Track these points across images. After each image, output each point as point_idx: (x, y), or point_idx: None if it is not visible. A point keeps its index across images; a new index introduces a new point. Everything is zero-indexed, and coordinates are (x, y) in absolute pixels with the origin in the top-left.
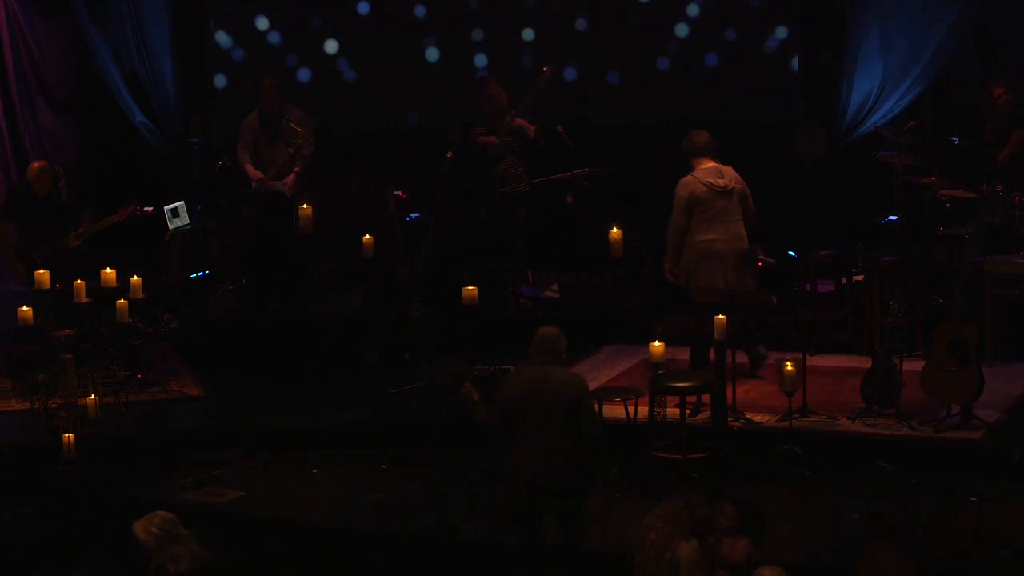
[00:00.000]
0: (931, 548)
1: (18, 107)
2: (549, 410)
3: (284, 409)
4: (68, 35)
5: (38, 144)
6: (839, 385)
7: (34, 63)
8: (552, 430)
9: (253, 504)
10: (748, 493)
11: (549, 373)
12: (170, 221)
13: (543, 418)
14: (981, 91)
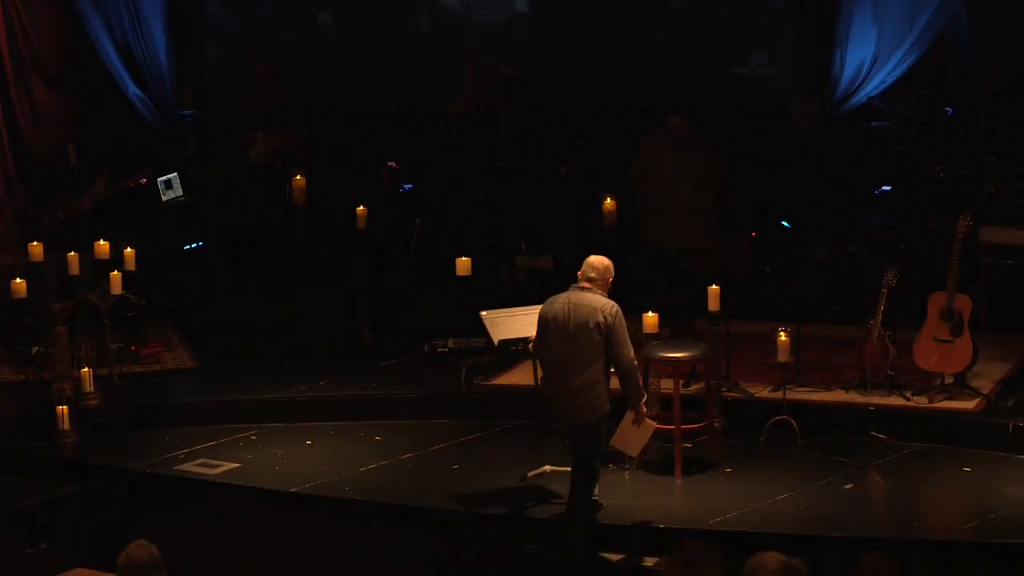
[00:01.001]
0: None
1: (11, 82)
2: (581, 332)
3: (278, 381)
4: (61, 9)
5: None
6: (833, 355)
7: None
8: (581, 352)
9: (247, 475)
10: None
11: (589, 298)
12: (163, 193)
13: (574, 339)
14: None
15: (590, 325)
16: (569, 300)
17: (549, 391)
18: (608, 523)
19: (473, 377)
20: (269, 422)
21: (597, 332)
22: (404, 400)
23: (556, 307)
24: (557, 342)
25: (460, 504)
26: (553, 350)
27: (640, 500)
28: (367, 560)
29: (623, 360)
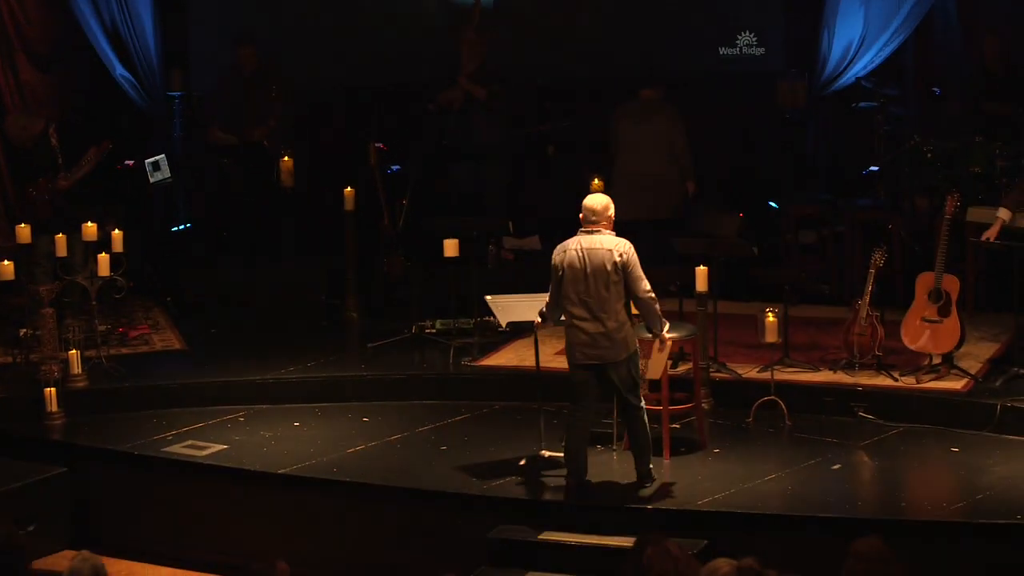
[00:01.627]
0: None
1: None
2: (600, 275)
3: (266, 363)
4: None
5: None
6: (821, 335)
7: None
8: (606, 294)
9: (235, 457)
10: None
11: (600, 239)
12: (151, 175)
13: (596, 283)
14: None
15: (607, 267)
16: (581, 246)
17: (583, 337)
18: (596, 504)
19: (460, 358)
20: (257, 404)
21: (615, 273)
22: (391, 381)
23: (570, 255)
24: (577, 288)
25: (447, 485)
26: (576, 297)
27: (628, 480)
28: (355, 541)
29: (642, 293)
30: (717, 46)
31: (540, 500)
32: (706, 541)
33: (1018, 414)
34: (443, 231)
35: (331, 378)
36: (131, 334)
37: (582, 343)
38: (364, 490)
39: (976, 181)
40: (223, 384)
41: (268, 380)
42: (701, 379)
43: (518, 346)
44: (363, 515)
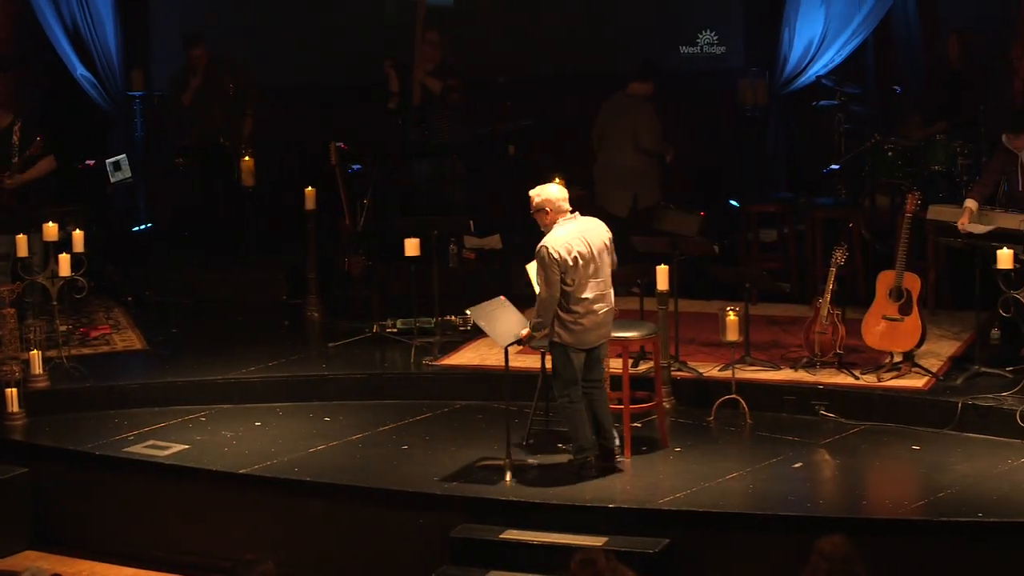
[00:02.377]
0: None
1: None
2: (603, 253)
3: (227, 362)
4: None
5: None
6: (782, 334)
7: None
8: (607, 270)
9: (197, 457)
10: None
11: (587, 221)
12: (112, 174)
13: (601, 262)
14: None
15: (607, 243)
16: (579, 231)
17: (598, 319)
18: (557, 503)
19: (421, 358)
20: (218, 403)
21: (610, 245)
22: (353, 381)
23: (576, 244)
24: (588, 273)
25: (409, 484)
26: (588, 283)
27: (589, 480)
28: (317, 541)
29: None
30: (678, 45)
31: (502, 499)
32: (668, 540)
33: (979, 412)
34: (404, 230)
35: (292, 378)
36: (92, 334)
37: (598, 325)
38: (325, 489)
39: (937, 179)
40: (184, 384)
41: (230, 380)
42: (662, 378)
43: (479, 345)
44: (324, 514)
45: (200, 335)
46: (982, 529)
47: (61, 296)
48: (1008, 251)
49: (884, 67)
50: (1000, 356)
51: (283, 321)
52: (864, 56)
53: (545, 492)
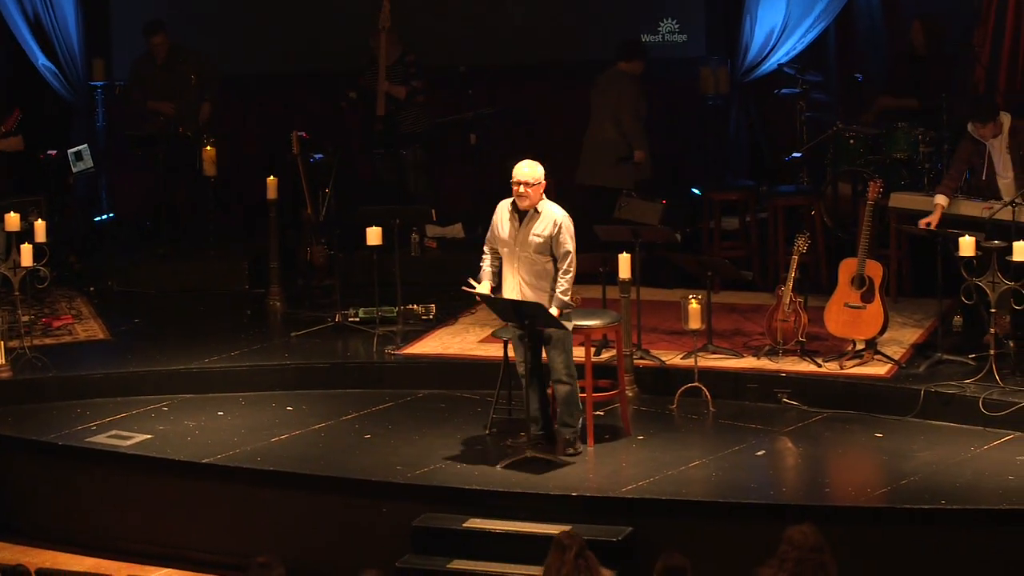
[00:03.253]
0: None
1: None
2: None
3: (189, 352)
4: None
5: None
6: (744, 322)
7: None
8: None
9: (159, 447)
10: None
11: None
12: (74, 164)
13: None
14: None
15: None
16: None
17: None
18: (520, 491)
19: (384, 347)
20: (181, 393)
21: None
22: (315, 370)
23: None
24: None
25: (372, 473)
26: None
27: (552, 469)
28: (279, 530)
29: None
30: (639, 33)
31: (465, 488)
32: (630, 528)
33: (942, 399)
34: (366, 219)
35: (255, 367)
36: (55, 324)
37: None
38: (288, 479)
39: (899, 167)
40: (147, 374)
41: (192, 369)
42: (624, 366)
43: (441, 334)
44: (287, 504)
45: (162, 325)
46: (945, 516)
47: (23, 286)
48: (970, 238)
49: (846, 55)
50: (962, 343)
51: (245, 311)
52: (826, 44)
53: (508, 480)
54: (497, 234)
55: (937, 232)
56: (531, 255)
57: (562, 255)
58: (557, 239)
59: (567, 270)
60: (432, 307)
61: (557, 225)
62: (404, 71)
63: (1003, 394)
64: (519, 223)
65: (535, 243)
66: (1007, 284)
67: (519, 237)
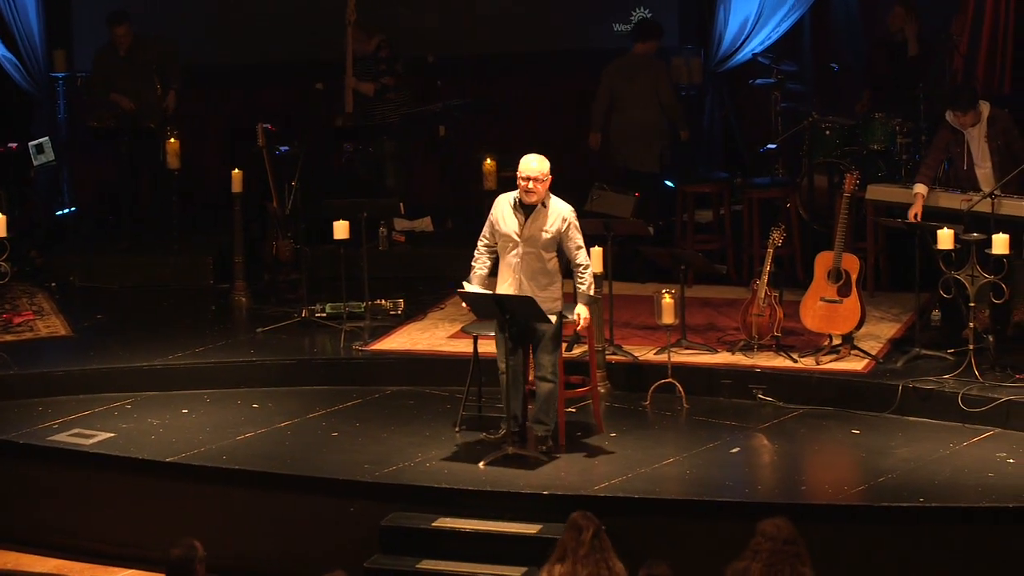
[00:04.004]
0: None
1: None
2: None
3: (153, 349)
4: None
5: None
6: (718, 316)
7: None
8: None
9: (122, 445)
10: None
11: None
12: (35, 157)
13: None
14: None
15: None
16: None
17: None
18: (490, 490)
19: (351, 343)
20: (144, 391)
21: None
22: (281, 367)
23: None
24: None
25: (339, 472)
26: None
27: (523, 467)
28: (245, 530)
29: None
30: (611, 22)
31: (434, 487)
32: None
33: (920, 395)
34: (333, 213)
35: (220, 364)
36: (15, 320)
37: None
38: (254, 478)
39: (876, 158)
40: (110, 371)
41: (156, 366)
42: (597, 362)
43: (410, 330)
44: (253, 503)
45: (125, 321)
46: (924, 514)
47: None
48: (949, 231)
49: (822, 44)
50: (941, 338)
51: (210, 306)
52: (801, 33)
53: (478, 479)
54: (499, 230)
55: (915, 225)
56: (538, 251)
57: (575, 250)
58: (567, 234)
59: (586, 265)
60: (400, 302)
61: (567, 221)
62: (376, 66)
63: (982, 389)
64: (525, 219)
65: (544, 239)
66: (986, 277)
67: (525, 233)
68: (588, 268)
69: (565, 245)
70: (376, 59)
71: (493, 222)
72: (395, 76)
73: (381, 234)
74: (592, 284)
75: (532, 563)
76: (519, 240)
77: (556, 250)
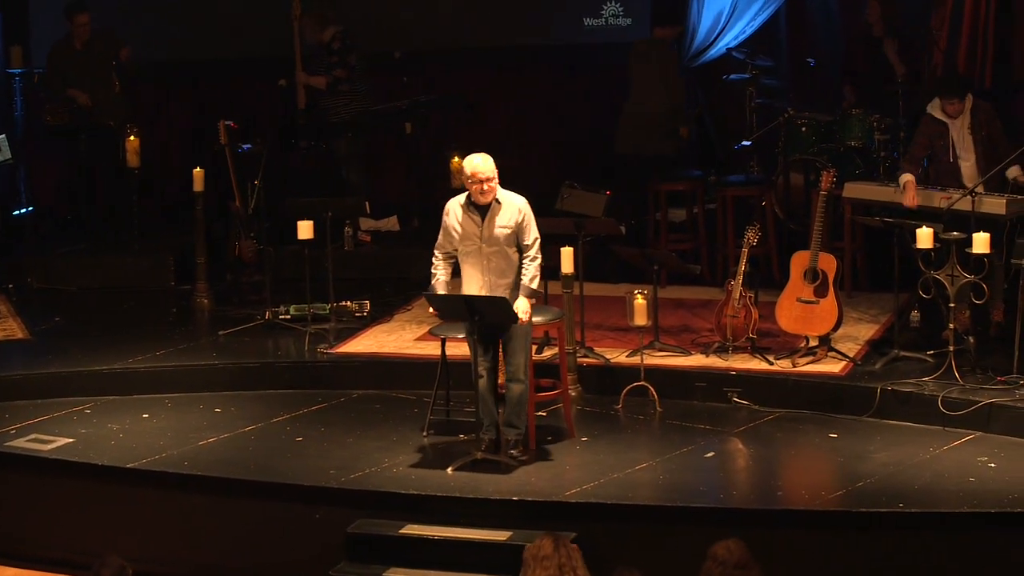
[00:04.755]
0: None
1: None
2: None
3: (113, 352)
4: None
5: None
6: (692, 318)
7: None
8: None
9: (82, 451)
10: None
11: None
12: None
13: None
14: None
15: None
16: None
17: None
18: (459, 496)
19: (316, 345)
20: (104, 395)
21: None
22: (244, 370)
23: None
24: None
25: (304, 478)
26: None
27: (492, 472)
28: (208, 538)
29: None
30: (581, 16)
31: (402, 493)
32: (574, 534)
33: (899, 398)
34: (296, 212)
35: (181, 367)
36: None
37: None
38: (217, 484)
39: (853, 155)
40: (68, 375)
41: (116, 370)
42: (567, 365)
43: (376, 332)
44: (216, 510)
45: (84, 323)
46: (904, 520)
47: None
48: (928, 230)
49: (798, 38)
50: (920, 340)
51: (171, 308)
52: (777, 27)
53: (446, 485)
54: (455, 235)
55: (893, 223)
56: (501, 248)
57: (530, 241)
58: (523, 227)
59: (535, 256)
60: (366, 304)
61: (522, 213)
62: (327, 58)
63: (963, 392)
64: (482, 218)
65: (504, 235)
66: (966, 277)
67: (485, 233)
68: (536, 260)
69: (521, 236)
70: (329, 50)
71: (448, 228)
72: (347, 69)
73: (346, 234)
74: (536, 277)
75: (502, 571)
76: (481, 241)
77: (516, 244)
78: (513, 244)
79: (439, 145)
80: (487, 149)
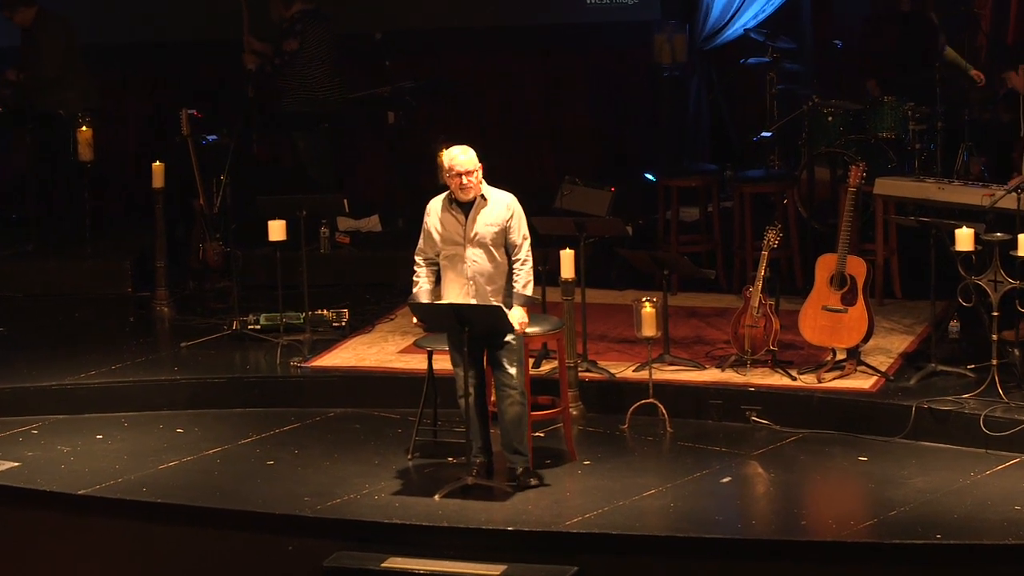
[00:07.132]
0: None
1: None
2: None
3: (63, 366)
4: None
5: None
6: (706, 328)
7: None
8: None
9: (28, 476)
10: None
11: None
12: None
13: None
14: None
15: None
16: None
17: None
18: (447, 525)
19: (288, 359)
20: (53, 414)
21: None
22: (209, 386)
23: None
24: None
25: (275, 506)
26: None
27: (484, 500)
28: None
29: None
30: None
31: (384, 522)
32: (575, 568)
33: (936, 417)
34: (267, 211)
35: (139, 383)
36: None
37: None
38: (178, 512)
39: (885, 147)
40: (14, 392)
41: (66, 386)
42: (568, 380)
43: (356, 344)
44: (178, 542)
45: (32, 334)
46: (941, 553)
47: None
48: (968, 231)
49: (822, 18)
50: (960, 352)
51: (128, 317)
52: (799, 6)
53: (434, 514)
54: (438, 238)
55: (929, 223)
56: (488, 249)
57: (519, 242)
58: (512, 225)
59: (525, 259)
60: (345, 313)
61: (511, 210)
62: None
63: (1007, 411)
64: (465, 218)
65: (491, 234)
66: (1011, 283)
67: (469, 233)
68: (528, 263)
69: (509, 237)
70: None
71: (429, 231)
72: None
73: (323, 235)
74: (530, 282)
75: None
76: (464, 243)
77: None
78: (501, 246)
79: (425, 136)
80: (478, 139)
